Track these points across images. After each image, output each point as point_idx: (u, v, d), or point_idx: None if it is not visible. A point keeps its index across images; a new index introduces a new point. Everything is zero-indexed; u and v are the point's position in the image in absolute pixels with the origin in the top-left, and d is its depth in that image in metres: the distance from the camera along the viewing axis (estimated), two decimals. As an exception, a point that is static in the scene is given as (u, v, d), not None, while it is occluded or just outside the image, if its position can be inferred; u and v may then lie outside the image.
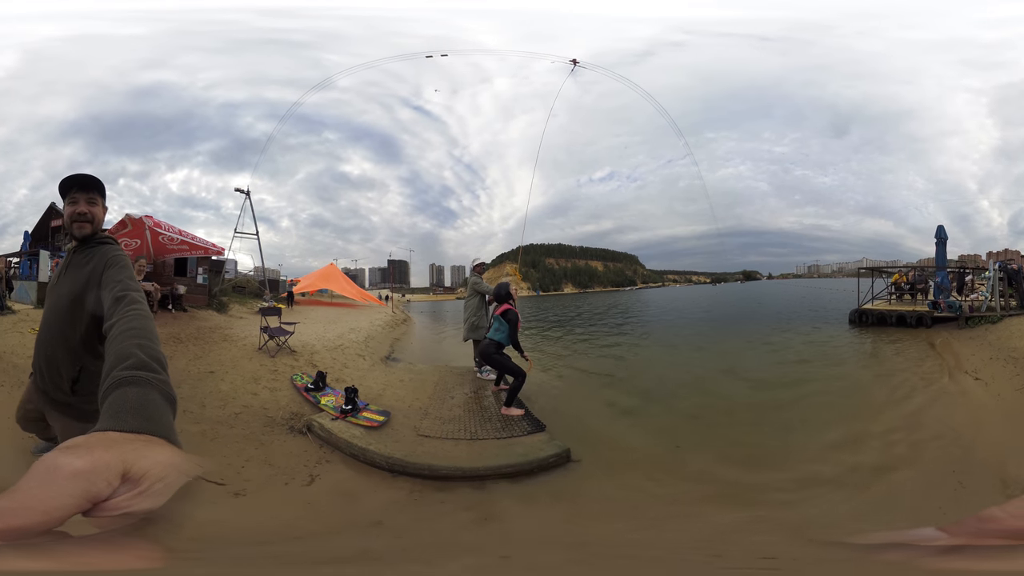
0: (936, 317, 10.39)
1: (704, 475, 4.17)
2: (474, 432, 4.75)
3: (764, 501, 3.67)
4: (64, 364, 2.02)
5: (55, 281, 2.12)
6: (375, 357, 8.56)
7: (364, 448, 4.19)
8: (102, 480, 0.55)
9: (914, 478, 3.97)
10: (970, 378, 6.71)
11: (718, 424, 5.50)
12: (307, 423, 4.71)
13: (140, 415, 0.81)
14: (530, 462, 4.02)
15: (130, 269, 1.82)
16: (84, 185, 2.00)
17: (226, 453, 3.89)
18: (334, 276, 20.43)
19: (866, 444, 4.70)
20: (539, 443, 4.42)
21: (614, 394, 6.91)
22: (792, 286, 42.98)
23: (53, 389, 2.08)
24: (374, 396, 5.69)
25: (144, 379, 0.92)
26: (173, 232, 10.50)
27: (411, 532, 3.05)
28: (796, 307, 20.19)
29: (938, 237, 12.42)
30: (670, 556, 2.85)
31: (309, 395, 5.44)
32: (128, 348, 1.05)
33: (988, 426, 5.02)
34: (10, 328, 7.07)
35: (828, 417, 5.64)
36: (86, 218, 2.00)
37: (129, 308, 1.37)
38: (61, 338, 2.01)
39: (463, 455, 4.20)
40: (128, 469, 0.57)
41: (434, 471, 3.87)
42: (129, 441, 0.65)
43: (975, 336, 8.90)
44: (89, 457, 0.57)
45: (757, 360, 9.26)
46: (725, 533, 2.99)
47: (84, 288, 1.90)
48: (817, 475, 4.05)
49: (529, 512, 3.48)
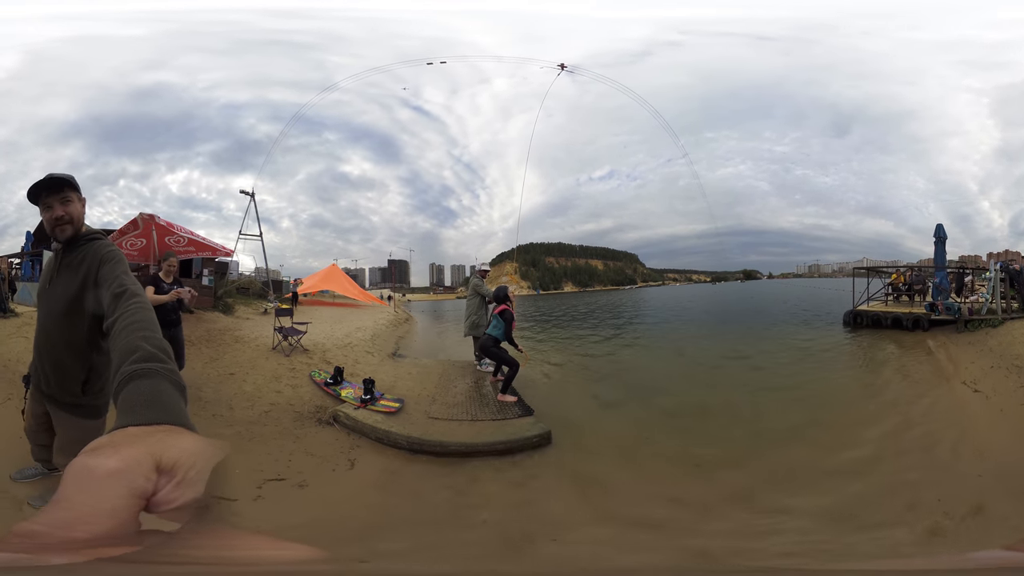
0: (934, 320, 9.89)
1: (659, 466, 4.43)
2: (474, 415, 5.32)
3: (692, 503, 3.67)
4: (73, 367, 2.02)
5: (46, 285, 2.08)
6: (383, 353, 8.85)
7: (387, 431, 4.67)
8: (140, 476, 0.54)
9: (886, 518, 3.39)
10: (968, 389, 6.10)
11: (689, 424, 5.56)
12: (333, 414, 5.12)
13: (155, 406, 0.82)
14: (517, 440, 4.64)
15: (124, 263, 1.79)
16: (53, 186, 1.93)
17: (269, 450, 4.21)
18: (336, 276, 20.52)
19: (834, 469, 4.23)
20: (526, 425, 5.01)
21: (601, 388, 7.20)
22: (792, 285, 43.32)
23: (61, 393, 2.07)
24: (387, 387, 6.06)
25: (153, 370, 0.93)
26: (182, 233, 10.64)
27: (433, 499, 3.61)
28: (794, 307, 20.08)
29: (937, 236, 12.04)
30: (582, 528, 3.21)
31: (329, 389, 5.78)
32: (134, 341, 1.06)
33: (992, 450, 4.40)
34: (14, 332, 7.05)
35: (796, 422, 5.40)
36: (65, 220, 1.94)
37: (129, 302, 1.36)
38: (64, 343, 2.00)
39: (466, 433, 4.79)
40: (159, 461, 0.56)
41: (444, 447, 4.46)
42: (151, 434, 0.64)
43: (974, 341, 8.32)
44: (119, 455, 0.56)
45: (743, 363, 9.05)
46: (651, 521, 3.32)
47: (81, 289, 1.87)
48: (748, 492, 3.79)
49: (503, 480, 4.07)
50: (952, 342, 8.63)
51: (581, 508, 3.62)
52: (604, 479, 4.12)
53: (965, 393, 5.99)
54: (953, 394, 6.06)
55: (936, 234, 12.11)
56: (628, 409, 6.17)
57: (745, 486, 4.01)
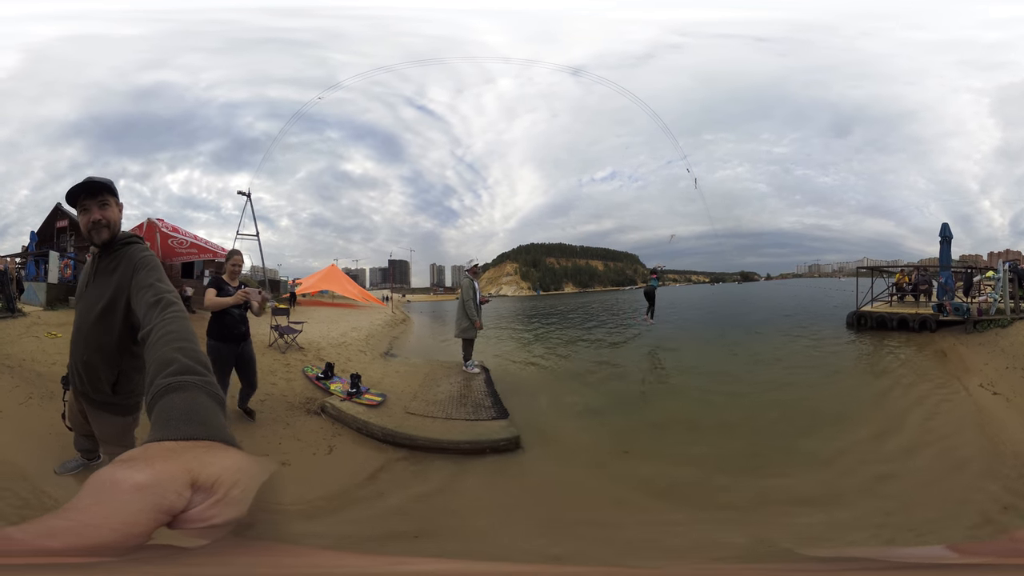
0: (941, 321, 9.66)
1: (634, 482, 4.15)
2: (449, 413, 5.61)
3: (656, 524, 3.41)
4: (103, 369, 2.06)
5: (83, 289, 2.12)
6: (375, 352, 9.25)
7: (366, 422, 5.04)
8: (171, 492, 0.52)
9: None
10: (987, 392, 5.95)
11: (677, 436, 5.31)
12: (321, 405, 5.56)
13: (192, 420, 0.79)
14: (483, 441, 4.79)
15: (160, 270, 1.79)
16: (92, 190, 1.94)
17: (264, 433, 4.75)
18: (336, 277, 20.63)
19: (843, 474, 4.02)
20: (498, 428, 5.17)
21: (586, 393, 7.17)
22: (791, 286, 43.33)
23: (93, 391, 2.13)
24: (374, 383, 6.44)
25: (189, 383, 0.90)
26: (185, 236, 11.01)
27: (390, 485, 4.06)
28: (790, 308, 19.62)
29: (942, 236, 11.84)
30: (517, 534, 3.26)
31: (320, 383, 6.24)
32: (169, 354, 1.02)
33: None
34: (24, 332, 7.13)
35: (800, 446, 4.85)
36: (102, 224, 1.96)
37: (166, 312, 1.35)
38: (96, 346, 2.03)
39: (437, 430, 5.04)
40: (195, 478, 0.55)
41: (412, 441, 4.75)
42: (188, 449, 0.62)
43: (985, 342, 8.14)
44: (150, 469, 0.54)
45: (740, 368, 8.72)
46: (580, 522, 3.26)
47: (115, 295, 1.91)
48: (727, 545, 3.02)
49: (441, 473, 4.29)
50: (962, 343, 8.47)
51: (487, 513, 3.61)
52: (550, 489, 4.07)
53: (984, 396, 5.86)
54: (973, 399, 5.87)
55: (942, 233, 11.89)
56: (609, 418, 6.00)
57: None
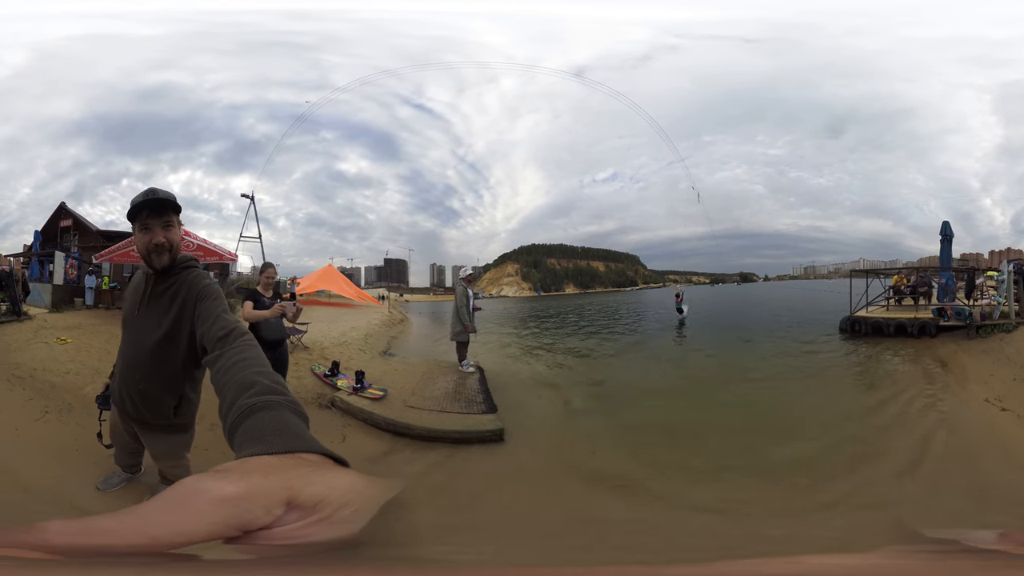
0: (941, 326, 8.91)
1: (597, 478, 4.43)
2: (443, 407, 6.25)
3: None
4: (165, 397, 1.99)
5: (132, 311, 1.99)
6: (374, 351, 9.83)
7: (371, 414, 5.72)
8: (258, 507, 0.48)
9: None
10: (995, 408, 5.46)
11: (649, 440, 5.41)
12: (331, 399, 6.22)
13: (286, 434, 0.76)
14: (471, 432, 5.45)
15: (223, 300, 1.72)
16: (158, 208, 1.77)
17: None
18: (332, 276, 20.79)
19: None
20: (485, 421, 5.82)
21: (572, 394, 7.44)
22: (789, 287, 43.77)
23: (153, 417, 2.05)
24: (375, 380, 7.03)
25: (276, 402, 0.87)
26: (193, 239, 11.29)
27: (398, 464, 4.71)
28: (789, 309, 19.07)
29: (943, 234, 11.14)
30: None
31: (328, 380, 6.85)
32: (250, 376, 1.00)
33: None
34: (32, 338, 6.84)
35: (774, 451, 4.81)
36: (164, 247, 1.80)
37: (237, 342, 1.33)
38: (155, 374, 1.93)
39: (432, 421, 5.71)
40: (295, 497, 0.50)
41: (411, 430, 5.43)
42: (291, 467, 0.59)
43: (989, 349, 7.44)
44: (244, 483, 0.51)
45: (726, 373, 8.62)
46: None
47: (175, 325, 1.81)
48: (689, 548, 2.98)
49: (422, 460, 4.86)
50: (964, 350, 7.78)
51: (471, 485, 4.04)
52: (521, 474, 4.49)
53: (991, 413, 5.38)
54: (980, 416, 5.42)
55: (942, 232, 11.24)
56: (593, 418, 6.21)
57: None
